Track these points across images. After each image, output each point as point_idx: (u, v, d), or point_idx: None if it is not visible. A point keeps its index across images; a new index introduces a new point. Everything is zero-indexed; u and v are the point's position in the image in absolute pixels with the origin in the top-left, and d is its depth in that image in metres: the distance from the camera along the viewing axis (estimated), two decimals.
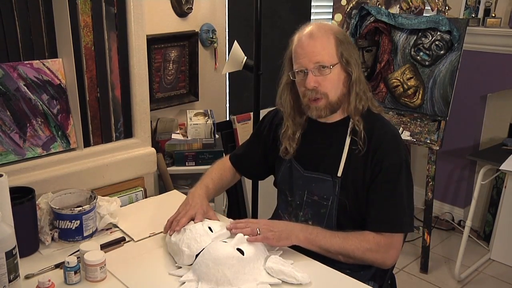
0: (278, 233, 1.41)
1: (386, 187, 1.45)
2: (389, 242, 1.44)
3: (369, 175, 1.46)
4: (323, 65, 1.44)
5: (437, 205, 3.46)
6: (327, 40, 1.45)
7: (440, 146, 2.63)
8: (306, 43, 1.46)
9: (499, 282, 2.80)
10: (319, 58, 1.44)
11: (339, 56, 1.46)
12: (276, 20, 3.08)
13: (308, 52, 1.45)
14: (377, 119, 1.52)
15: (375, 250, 1.43)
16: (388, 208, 1.45)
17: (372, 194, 1.47)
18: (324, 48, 1.44)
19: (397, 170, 1.45)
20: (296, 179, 1.58)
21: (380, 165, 1.45)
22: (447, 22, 2.53)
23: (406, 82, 2.67)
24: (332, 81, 1.46)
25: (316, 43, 1.45)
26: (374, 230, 1.44)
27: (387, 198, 1.45)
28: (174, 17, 2.53)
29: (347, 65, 1.46)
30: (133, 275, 1.35)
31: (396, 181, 1.45)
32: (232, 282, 1.26)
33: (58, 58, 1.72)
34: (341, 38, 1.47)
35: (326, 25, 1.50)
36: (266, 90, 2.63)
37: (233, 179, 1.79)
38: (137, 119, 1.94)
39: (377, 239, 1.43)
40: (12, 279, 1.20)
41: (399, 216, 1.45)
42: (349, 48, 1.48)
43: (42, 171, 1.69)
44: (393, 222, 1.45)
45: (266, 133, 1.70)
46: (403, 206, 1.46)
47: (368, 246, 1.42)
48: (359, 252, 1.42)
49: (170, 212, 1.53)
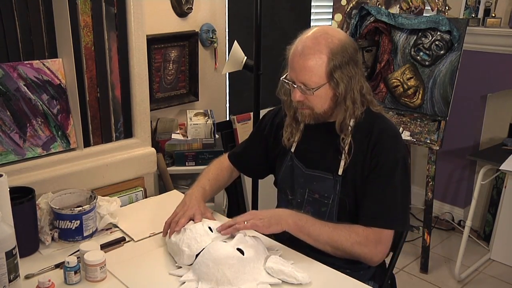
0: (267, 220, 1.40)
1: (380, 182, 1.45)
2: (378, 238, 1.43)
3: (366, 171, 1.46)
4: (307, 87, 1.42)
5: (437, 205, 3.46)
6: (317, 60, 1.39)
7: (440, 146, 2.63)
8: (296, 60, 1.43)
9: (499, 282, 2.80)
10: (305, 79, 1.42)
11: (328, 76, 1.41)
12: (276, 20, 3.08)
13: (296, 69, 1.43)
14: (377, 117, 1.52)
15: (363, 244, 1.42)
16: (380, 203, 1.45)
17: (366, 188, 1.47)
18: (312, 69, 1.40)
19: (392, 166, 1.45)
20: (298, 177, 1.58)
21: (376, 160, 1.45)
22: (447, 22, 2.53)
23: (406, 82, 2.67)
24: (317, 98, 1.45)
25: (305, 62, 1.40)
26: (364, 223, 1.44)
27: (380, 193, 1.45)
28: (174, 17, 2.53)
29: (336, 85, 1.42)
30: (133, 275, 1.35)
31: (390, 177, 1.44)
32: (232, 282, 1.26)
33: (58, 58, 1.72)
34: (336, 56, 1.39)
35: (325, 37, 1.41)
36: (266, 90, 2.63)
37: (230, 178, 1.79)
38: (137, 119, 1.94)
39: (367, 232, 1.43)
40: (12, 279, 1.20)
41: (390, 212, 1.45)
42: (344, 66, 1.41)
43: (42, 171, 1.69)
44: (383, 218, 1.44)
45: (267, 132, 1.70)
46: (396, 203, 1.45)
47: (357, 238, 1.42)
48: (348, 243, 1.41)
49: (170, 212, 1.53)
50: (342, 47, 1.41)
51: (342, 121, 1.47)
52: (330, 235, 1.41)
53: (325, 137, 1.53)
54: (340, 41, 1.42)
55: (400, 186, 1.45)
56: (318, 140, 1.56)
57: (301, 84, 1.43)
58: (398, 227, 1.50)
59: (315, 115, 1.49)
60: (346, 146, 1.48)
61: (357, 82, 1.45)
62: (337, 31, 1.47)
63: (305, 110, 1.49)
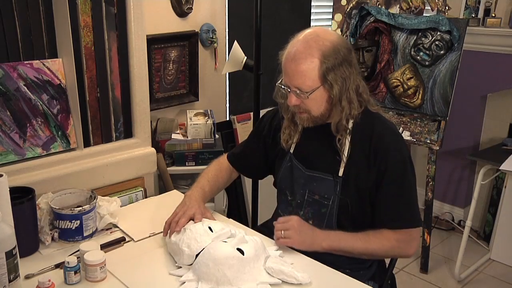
0: (302, 238, 1.43)
1: (395, 185, 1.47)
2: (408, 236, 1.48)
3: (374, 174, 1.47)
4: (302, 91, 1.43)
5: (437, 205, 3.46)
6: (309, 64, 1.39)
7: (440, 146, 2.63)
8: (288, 65, 1.43)
9: (499, 282, 2.80)
10: (299, 83, 1.42)
11: (321, 79, 1.41)
12: (276, 20, 3.08)
13: (290, 74, 1.43)
14: (375, 117, 1.52)
15: (396, 247, 1.48)
16: (401, 205, 1.48)
17: (382, 193, 1.48)
18: (305, 73, 1.40)
19: (402, 167, 1.48)
20: (297, 178, 1.58)
21: (385, 164, 1.46)
22: (447, 22, 2.53)
23: (406, 82, 2.67)
24: (313, 101, 1.45)
25: (298, 67, 1.40)
26: (391, 228, 1.47)
27: (398, 196, 1.48)
28: (174, 17, 2.53)
29: (330, 87, 1.42)
30: (133, 275, 1.35)
31: (403, 177, 1.48)
32: (232, 282, 1.26)
33: (58, 58, 1.72)
34: (328, 59, 1.39)
35: (316, 40, 1.41)
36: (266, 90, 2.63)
37: (229, 179, 1.79)
38: (137, 119, 1.94)
39: (397, 236, 1.47)
40: (12, 279, 1.20)
41: (413, 211, 1.50)
42: (337, 68, 1.41)
43: (42, 171, 1.69)
44: (408, 218, 1.49)
45: (266, 133, 1.70)
46: (413, 201, 1.50)
47: (390, 244, 1.47)
48: (382, 251, 1.48)
49: (170, 212, 1.53)
50: (334, 48, 1.41)
51: (338, 122, 1.47)
52: (363, 247, 1.47)
53: (324, 138, 1.53)
54: (331, 43, 1.41)
55: (413, 184, 1.50)
56: (316, 141, 1.56)
57: (295, 88, 1.44)
58: (420, 223, 1.53)
59: (313, 118, 1.49)
60: (343, 146, 1.48)
61: (352, 82, 1.45)
62: (328, 32, 1.47)
63: (303, 115, 1.49)
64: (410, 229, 1.48)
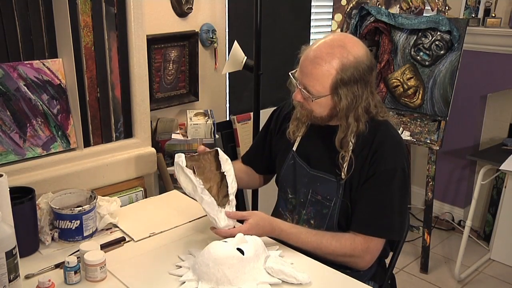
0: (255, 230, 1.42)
1: (375, 190, 1.44)
2: (365, 247, 1.44)
3: (363, 177, 1.45)
4: (309, 93, 1.42)
5: (437, 205, 3.46)
6: (325, 71, 1.37)
7: (440, 146, 2.63)
8: (305, 63, 1.41)
9: (499, 282, 2.80)
10: (308, 84, 1.41)
11: (332, 89, 1.39)
12: (276, 20, 3.08)
13: (303, 72, 1.42)
14: (382, 124, 1.50)
15: (348, 255, 1.44)
16: (373, 211, 1.44)
17: (360, 195, 1.46)
18: (317, 78, 1.38)
19: (390, 176, 1.43)
20: (301, 177, 1.58)
21: (375, 169, 1.44)
22: (447, 22, 2.53)
23: (406, 82, 2.67)
24: (316, 105, 1.44)
25: (313, 69, 1.38)
26: (354, 229, 1.45)
27: (374, 201, 1.44)
28: (174, 17, 2.53)
29: (338, 100, 1.40)
30: (133, 275, 1.35)
31: (386, 185, 1.43)
32: (232, 282, 1.26)
33: (58, 58, 1.72)
34: (346, 72, 1.36)
35: (341, 50, 1.37)
36: (266, 90, 2.63)
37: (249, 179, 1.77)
38: (137, 119, 1.94)
39: (354, 245, 1.43)
40: (12, 279, 1.19)
41: (383, 221, 1.44)
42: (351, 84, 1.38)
43: (42, 171, 1.69)
44: (374, 226, 1.44)
45: (273, 126, 1.71)
46: (391, 212, 1.44)
47: (342, 252, 1.44)
48: (332, 257, 1.45)
49: (170, 212, 1.53)
50: (355, 64, 1.37)
51: (343, 138, 1.45)
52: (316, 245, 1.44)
53: (329, 139, 1.51)
54: (355, 58, 1.38)
55: (397, 195, 1.44)
56: (321, 141, 1.55)
57: (304, 88, 1.43)
58: (392, 236, 1.50)
59: (312, 117, 1.49)
60: (345, 163, 1.46)
61: (363, 101, 1.42)
62: (356, 46, 1.40)
63: (303, 111, 1.50)
64: (371, 238, 1.43)
